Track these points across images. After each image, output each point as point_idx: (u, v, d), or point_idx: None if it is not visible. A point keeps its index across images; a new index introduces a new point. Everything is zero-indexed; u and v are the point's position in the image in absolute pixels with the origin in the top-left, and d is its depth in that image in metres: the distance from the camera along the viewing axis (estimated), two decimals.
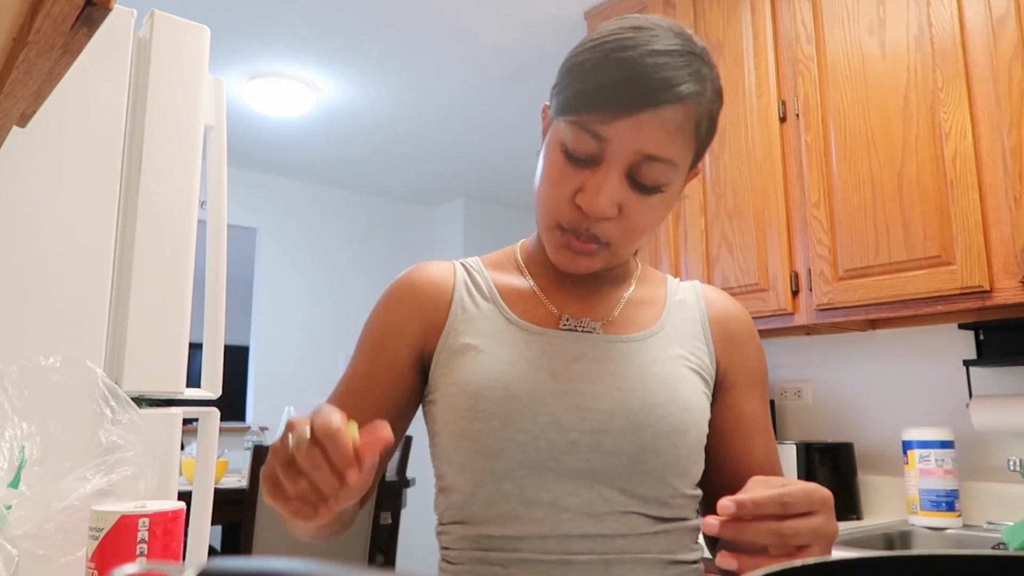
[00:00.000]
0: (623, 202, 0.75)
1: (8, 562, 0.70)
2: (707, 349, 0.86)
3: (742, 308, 0.92)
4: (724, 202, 2.17)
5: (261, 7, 2.75)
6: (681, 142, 0.75)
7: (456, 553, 0.79)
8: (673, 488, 0.77)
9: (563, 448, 0.75)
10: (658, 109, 0.71)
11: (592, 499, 0.75)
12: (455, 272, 0.88)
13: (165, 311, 1.09)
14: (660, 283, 0.91)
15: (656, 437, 0.75)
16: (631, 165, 0.74)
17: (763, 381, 0.89)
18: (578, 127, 0.74)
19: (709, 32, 2.28)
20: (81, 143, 1.06)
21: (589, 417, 0.76)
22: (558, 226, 0.78)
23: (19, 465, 0.76)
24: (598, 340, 0.81)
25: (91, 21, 0.56)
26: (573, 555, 0.74)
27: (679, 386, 0.79)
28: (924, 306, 1.75)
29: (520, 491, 0.75)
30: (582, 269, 0.80)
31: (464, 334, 0.82)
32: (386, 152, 4.22)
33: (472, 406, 0.76)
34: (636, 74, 0.71)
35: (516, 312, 0.84)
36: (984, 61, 1.69)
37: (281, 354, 4.53)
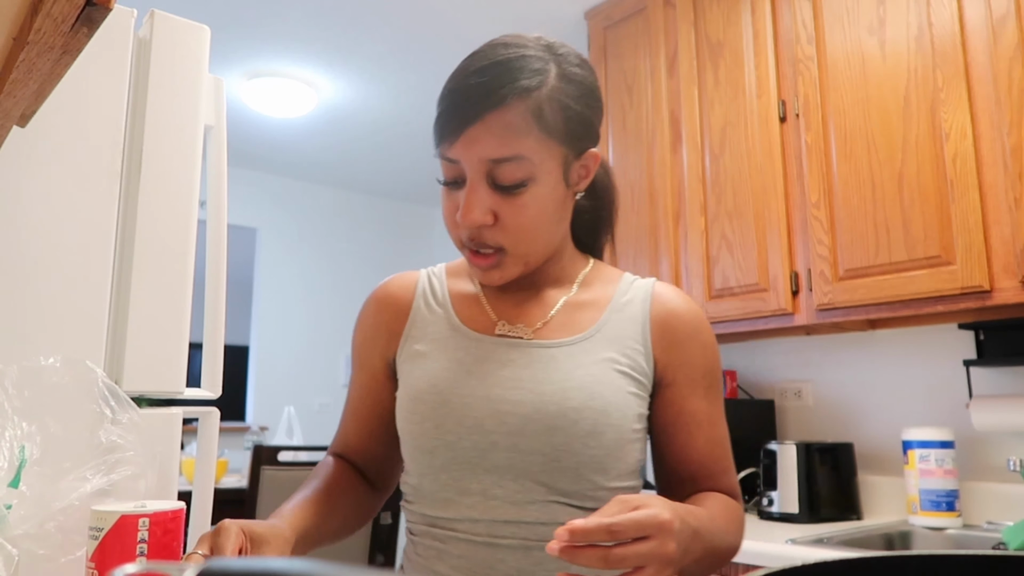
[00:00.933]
0: (494, 207, 0.84)
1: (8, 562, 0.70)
2: (643, 350, 0.90)
3: (692, 306, 0.94)
4: (724, 202, 2.17)
5: (261, 7, 2.75)
6: (519, 137, 0.81)
7: (413, 525, 0.91)
8: (592, 482, 0.84)
9: (486, 448, 0.84)
10: (483, 119, 0.80)
11: (516, 490, 0.84)
12: (418, 281, 0.99)
13: (165, 311, 1.09)
14: (611, 283, 0.96)
15: (569, 439, 0.83)
16: (486, 173, 0.83)
17: (708, 376, 0.92)
18: (441, 159, 0.86)
19: (709, 32, 2.28)
20: (81, 143, 1.06)
21: (508, 421, 0.84)
22: (462, 246, 0.88)
23: (19, 465, 0.76)
24: (528, 346, 0.89)
25: (91, 21, 0.56)
26: (498, 538, 0.83)
27: (598, 389, 0.85)
28: (924, 306, 1.75)
29: (455, 481, 0.86)
30: (497, 280, 0.88)
31: (417, 340, 0.94)
32: (386, 152, 4.22)
33: (412, 408, 0.89)
34: (458, 97, 0.82)
35: (461, 318, 0.93)
36: (984, 61, 1.69)
37: (281, 354, 4.53)
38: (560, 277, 0.95)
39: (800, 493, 1.99)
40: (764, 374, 2.42)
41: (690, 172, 2.27)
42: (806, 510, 1.98)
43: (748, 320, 2.10)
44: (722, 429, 0.93)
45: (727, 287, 2.13)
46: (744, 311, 2.08)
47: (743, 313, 2.09)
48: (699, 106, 2.28)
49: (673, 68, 2.38)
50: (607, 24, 2.63)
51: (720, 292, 2.15)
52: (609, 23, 2.62)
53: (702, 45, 2.30)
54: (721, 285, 2.15)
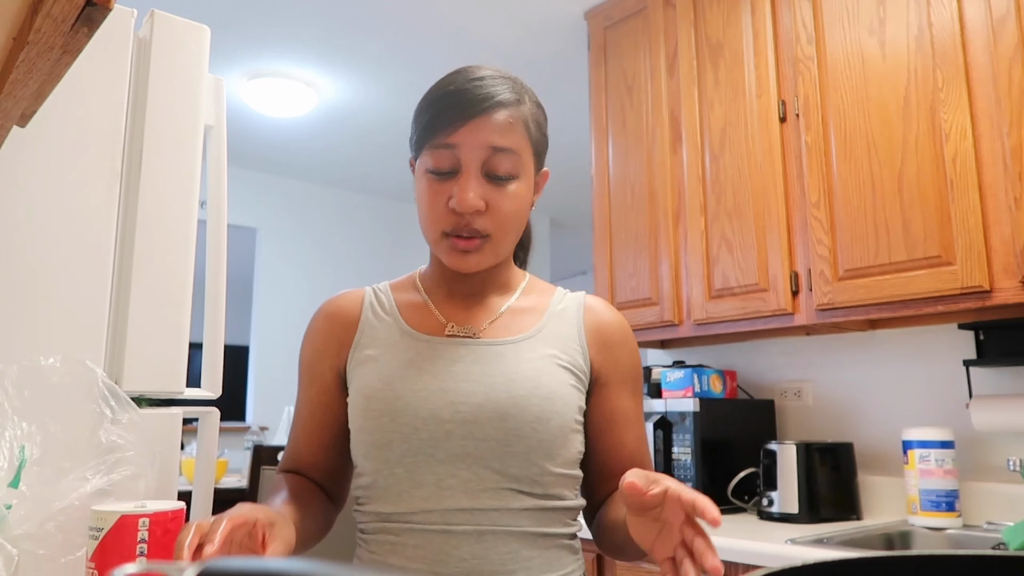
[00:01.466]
0: (486, 196, 0.92)
1: (8, 562, 0.70)
2: (581, 350, 0.99)
3: (619, 316, 1.05)
4: (724, 202, 2.17)
5: (261, 7, 2.75)
6: (516, 135, 0.93)
7: (365, 525, 0.95)
8: (540, 467, 0.90)
9: (441, 437, 0.89)
10: (488, 113, 0.91)
11: (468, 478, 0.89)
12: (364, 296, 1.05)
13: (165, 311, 1.09)
14: (547, 293, 1.06)
15: (519, 424, 0.89)
16: (483, 161, 0.91)
17: (635, 379, 1.03)
18: (434, 148, 0.92)
19: (709, 32, 2.28)
20: (81, 143, 1.06)
21: (462, 410, 0.90)
22: (443, 234, 0.94)
23: (19, 465, 0.76)
24: (476, 344, 0.96)
25: (91, 21, 0.56)
26: (452, 526, 0.88)
27: (544, 380, 0.92)
28: (924, 306, 1.75)
29: (410, 474, 0.90)
30: (473, 265, 0.95)
31: (367, 347, 0.98)
32: (386, 152, 4.22)
33: (367, 406, 0.93)
34: (464, 93, 0.92)
35: (410, 323, 0.99)
36: (984, 61, 1.69)
37: (281, 354, 4.53)
38: (503, 284, 1.04)
39: (800, 493, 1.99)
40: (764, 374, 2.42)
41: (690, 172, 2.27)
42: (806, 510, 1.98)
43: (748, 320, 2.10)
44: (643, 428, 1.03)
45: (727, 287, 2.13)
46: (744, 311, 2.08)
47: (743, 313, 2.09)
48: (699, 106, 2.28)
49: (673, 68, 2.38)
50: (607, 24, 2.63)
51: (720, 292, 2.15)
52: (609, 23, 2.62)
53: (702, 45, 2.30)
54: (721, 285, 2.15)
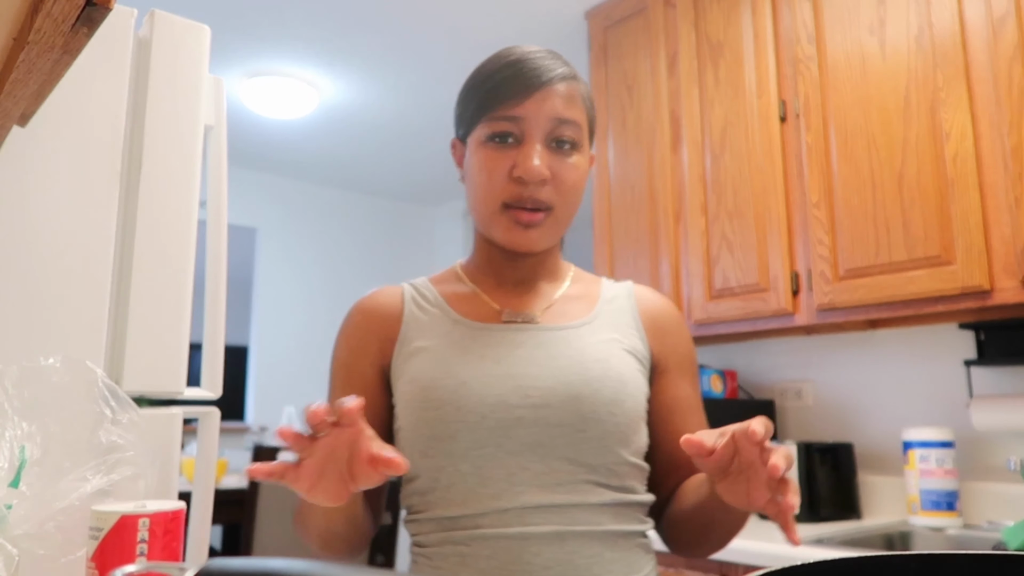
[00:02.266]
0: (551, 166, 0.88)
1: (8, 562, 0.70)
2: (640, 337, 0.95)
3: (670, 302, 1.01)
4: (724, 202, 2.17)
5: (261, 7, 2.75)
6: (577, 109, 0.90)
7: (423, 537, 0.86)
8: (616, 454, 0.85)
9: (510, 424, 0.83)
10: (551, 85, 0.88)
11: (542, 471, 0.82)
12: (403, 292, 0.98)
13: (165, 311, 1.09)
14: (594, 283, 1.01)
15: (595, 407, 0.84)
16: (547, 133, 0.88)
17: (693, 366, 0.99)
18: (495, 120, 0.88)
19: (709, 32, 2.28)
20: (81, 143, 1.06)
21: (532, 395, 0.84)
22: (502, 206, 0.89)
23: (19, 465, 0.76)
24: (536, 330, 0.90)
25: (91, 21, 0.56)
26: (529, 527, 0.81)
27: (613, 362, 0.88)
28: (924, 306, 1.75)
29: (477, 470, 0.83)
30: (535, 242, 0.90)
31: (416, 339, 0.92)
32: (386, 152, 4.22)
33: (426, 396, 0.85)
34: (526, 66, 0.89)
35: (460, 312, 0.93)
36: (984, 61, 1.69)
37: (281, 354, 4.53)
38: (553, 272, 0.99)
39: (800, 493, 1.99)
40: (764, 374, 2.42)
41: (690, 172, 2.27)
42: (806, 510, 1.98)
43: (748, 320, 2.10)
44: (705, 417, 0.98)
45: (727, 287, 2.13)
46: (744, 311, 2.08)
47: (743, 313, 2.09)
48: (699, 106, 2.28)
49: (673, 68, 2.38)
50: (607, 24, 2.63)
51: (720, 292, 2.15)
52: (609, 23, 2.62)
53: (702, 45, 2.30)
54: (721, 285, 2.15)
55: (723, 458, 0.69)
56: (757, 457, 0.69)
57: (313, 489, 0.69)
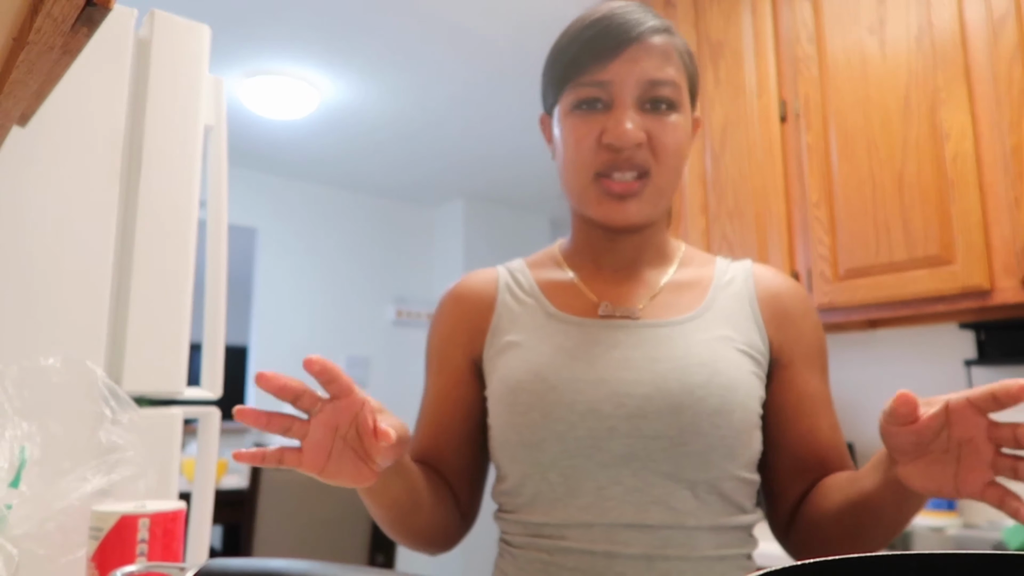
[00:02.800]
0: (646, 127, 0.79)
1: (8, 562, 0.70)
2: (757, 328, 0.84)
3: (796, 284, 0.89)
4: (724, 202, 2.17)
5: (261, 7, 2.75)
6: (673, 66, 0.81)
7: (511, 537, 0.81)
8: (721, 469, 0.75)
9: (602, 435, 0.75)
10: (642, 40, 0.79)
11: (635, 486, 0.75)
12: (498, 277, 0.91)
13: (165, 311, 1.09)
14: (708, 264, 0.90)
15: (696, 419, 0.74)
16: (639, 96, 0.79)
17: (822, 356, 0.87)
18: (581, 87, 0.80)
19: (709, 32, 2.28)
20: (81, 143, 1.06)
21: (627, 403, 0.76)
22: (595, 176, 0.81)
23: (19, 465, 0.76)
24: (636, 326, 0.81)
25: (91, 21, 0.56)
26: (617, 546, 0.74)
27: (721, 366, 0.77)
28: (924, 306, 1.75)
29: (565, 479, 0.76)
30: (633, 215, 0.81)
31: (508, 332, 0.85)
32: (386, 152, 4.22)
33: (513, 400, 0.79)
34: (611, 23, 0.80)
35: (556, 305, 0.85)
36: (984, 61, 1.69)
37: (281, 354, 4.53)
38: (659, 253, 0.89)
39: None
40: None
41: (690, 172, 2.27)
42: None
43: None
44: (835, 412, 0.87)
45: None
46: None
47: None
48: (700, 106, 2.28)
49: None
50: None
51: None
52: None
53: (702, 45, 2.30)
54: None
55: (926, 432, 0.58)
56: (981, 432, 0.58)
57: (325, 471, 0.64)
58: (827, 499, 0.79)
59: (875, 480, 0.71)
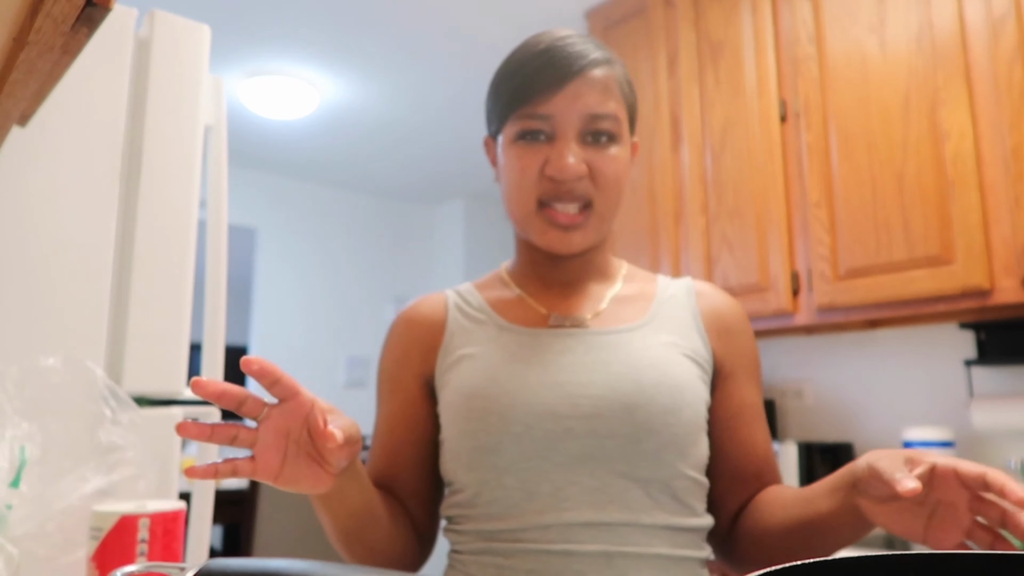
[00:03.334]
0: (588, 159, 0.82)
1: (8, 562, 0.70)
2: (701, 338, 0.88)
3: (734, 300, 0.94)
4: (724, 202, 2.17)
5: (261, 7, 2.75)
6: (613, 99, 0.84)
7: (463, 545, 0.81)
8: (673, 468, 0.78)
9: (559, 436, 0.77)
10: (584, 74, 0.82)
11: (593, 486, 0.76)
12: (447, 299, 0.93)
13: (165, 311, 1.09)
14: (650, 281, 0.95)
15: (649, 417, 0.77)
16: (581, 129, 0.82)
17: (758, 369, 0.92)
18: (525, 118, 0.83)
19: (710, 32, 2.28)
20: (81, 143, 1.06)
21: (582, 404, 0.78)
22: (538, 205, 0.84)
23: (19, 465, 0.76)
24: (586, 334, 0.84)
25: (91, 21, 0.56)
26: (574, 544, 0.75)
27: (669, 368, 0.81)
28: (924, 306, 1.75)
29: (522, 483, 0.77)
30: (576, 244, 0.84)
31: (461, 347, 0.86)
32: (386, 152, 4.22)
33: (469, 405, 0.80)
34: (555, 55, 0.82)
35: (507, 318, 0.88)
36: (984, 61, 1.69)
37: (281, 354, 4.53)
38: (603, 271, 0.93)
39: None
40: (764, 374, 2.42)
41: (690, 172, 2.27)
42: None
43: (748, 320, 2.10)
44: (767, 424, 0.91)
45: (727, 287, 2.13)
46: (744, 311, 2.08)
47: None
48: (699, 106, 2.28)
49: (673, 68, 2.38)
50: (607, 24, 2.63)
51: None
52: (609, 23, 2.62)
53: (702, 45, 2.30)
54: (721, 285, 2.15)
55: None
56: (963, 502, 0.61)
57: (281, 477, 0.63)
58: (771, 516, 0.81)
59: (832, 504, 0.73)
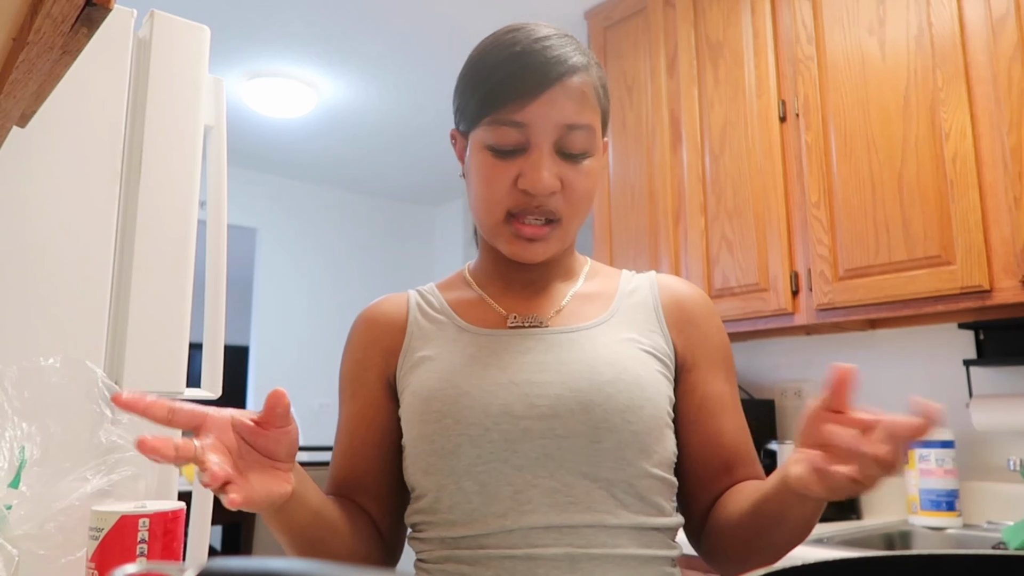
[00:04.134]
0: (561, 175, 0.80)
1: (8, 562, 0.70)
2: (662, 332, 0.86)
3: (698, 290, 0.92)
4: (724, 202, 2.17)
5: (261, 7, 2.75)
6: (589, 108, 0.81)
7: (426, 553, 0.80)
8: (636, 467, 0.77)
9: (516, 437, 0.76)
10: (562, 82, 0.78)
11: (553, 488, 0.75)
12: (408, 299, 0.92)
13: (165, 311, 1.09)
14: (613, 277, 0.93)
15: (607, 415, 0.76)
16: (556, 140, 0.79)
17: (726, 358, 0.89)
18: (497, 124, 0.79)
19: (709, 32, 2.28)
20: (81, 143, 1.06)
21: (538, 403, 0.77)
22: (506, 216, 0.81)
23: (19, 465, 0.76)
24: (545, 333, 0.83)
25: (91, 21, 0.56)
26: (537, 548, 0.74)
27: (628, 364, 0.79)
28: (924, 306, 1.75)
29: (480, 488, 0.76)
30: (540, 255, 0.83)
31: (420, 349, 0.86)
32: (386, 152, 4.22)
33: (426, 407, 0.79)
34: (533, 59, 0.78)
35: (467, 319, 0.87)
36: (984, 61, 1.69)
37: (281, 354, 4.53)
38: (567, 270, 0.92)
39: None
40: (764, 374, 2.42)
41: (690, 172, 2.27)
42: None
43: (748, 320, 2.10)
44: (743, 414, 0.88)
45: (727, 287, 2.13)
46: (744, 311, 2.08)
47: (743, 313, 2.09)
48: (699, 106, 2.28)
49: (673, 68, 2.38)
50: (607, 24, 2.63)
51: (720, 292, 2.15)
52: (609, 23, 2.62)
53: (702, 45, 2.30)
54: (721, 285, 2.15)
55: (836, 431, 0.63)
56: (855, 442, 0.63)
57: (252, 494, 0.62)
58: (734, 504, 0.80)
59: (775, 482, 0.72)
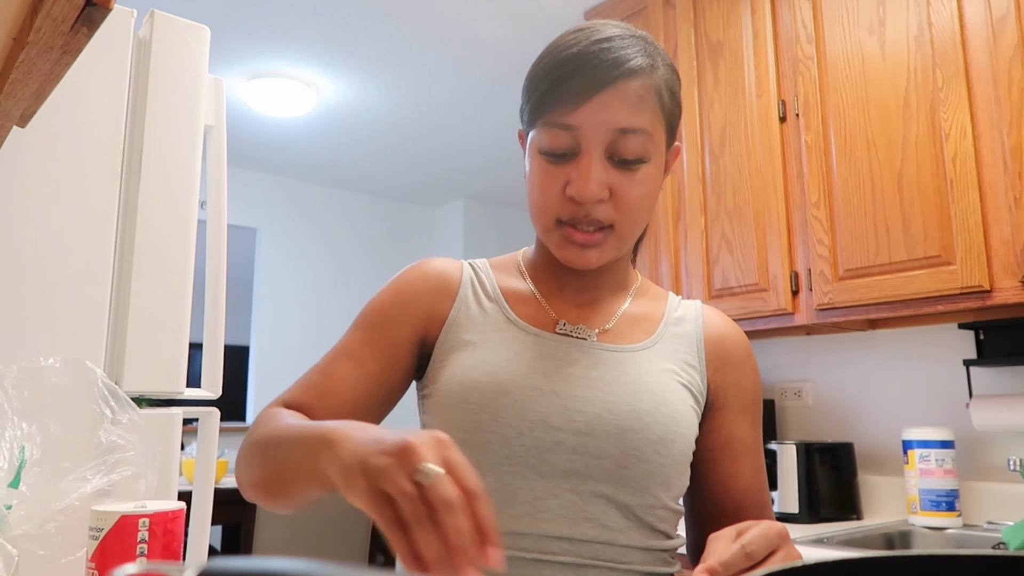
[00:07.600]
0: (611, 182, 0.77)
1: (8, 562, 0.70)
2: (699, 368, 0.87)
3: (740, 331, 0.92)
4: (724, 202, 2.17)
5: (261, 7, 2.75)
6: (647, 112, 0.78)
7: None
8: (655, 497, 0.78)
9: (548, 447, 0.76)
10: (616, 85, 0.76)
11: (571, 502, 0.76)
12: (463, 270, 0.90)
13: (165, 311, 1.09)
14: (660, 299, 0.93)
15: (641, 443, 0.77)
16: (608, 144, 0.77)
17: (756, 404, 0.90)
18: (549, 127, 0.78)
19: (709, 32, 2.28)
20: (81, 143, 1.06)
21: (576, 418, 0.77)
22: (556, 222, 0.80)
23: (19, 465, 0.76)
24: (592, 347, 0.83)
25: (91, 21, 0.56)
26: (547, 555, 0.75)
27: (668, 397, 0.80)
28: (924, 306, 1.75)
29: (502, 487, 0.76)
30: (593, 262, 0.81)
31: (466, 331, 0.84)
32: (386, 152, 4.22)
33: (464, 397, 0.78)
34: (587, 61, 0.76)
35: (517, 313, 0.85)
36: (984, 61, 1.69)
37: (281, 354, 4.53)
38: (618, 284, 0.90)
39: (800, 493, 1.99)
40: (764, 374, 2.42)
41: (690, 172, 2.27)
42: (806, 510, 1.98)
43: (748, 320, 2.10)
44: (763, 459, 0.89)
45: (727, 287, 2.13)
46: (744, 311, 2.08)
47: (743, 313, 2.09)
48: (699, 106, 2.28)
49: None
50: None
51: (720, 292, 2.15)
52: None
53: (702, 45, 2.30)
54: (721, 285, 2.15)
55: None
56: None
57: None
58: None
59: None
